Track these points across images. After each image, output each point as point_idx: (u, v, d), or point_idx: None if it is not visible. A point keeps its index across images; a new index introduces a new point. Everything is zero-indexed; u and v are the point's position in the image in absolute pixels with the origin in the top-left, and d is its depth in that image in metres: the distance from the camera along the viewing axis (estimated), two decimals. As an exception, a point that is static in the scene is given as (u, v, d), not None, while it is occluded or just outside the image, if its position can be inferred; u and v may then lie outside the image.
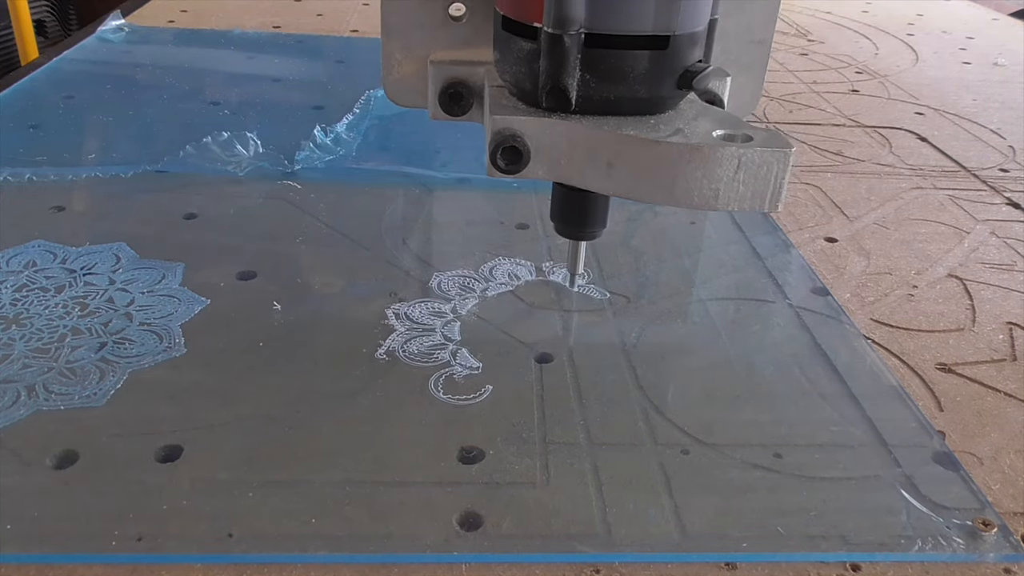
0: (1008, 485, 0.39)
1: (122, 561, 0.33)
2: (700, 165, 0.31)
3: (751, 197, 0.31)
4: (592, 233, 0.40)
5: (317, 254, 0.55)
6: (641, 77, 0.32)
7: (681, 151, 0.31)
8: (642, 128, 0.32)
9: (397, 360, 0.45)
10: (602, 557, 0.34)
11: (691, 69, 0.33)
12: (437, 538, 0.35)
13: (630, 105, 0.33)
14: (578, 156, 0.33)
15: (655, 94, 0.33)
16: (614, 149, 0.32)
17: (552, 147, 0.34)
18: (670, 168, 0.31)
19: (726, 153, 0.31)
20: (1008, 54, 1.10)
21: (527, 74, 0.34)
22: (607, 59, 0.32)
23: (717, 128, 0.32)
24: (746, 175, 0.31)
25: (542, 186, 0.66)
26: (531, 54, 0.33)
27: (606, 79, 0.33)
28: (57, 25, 2.00)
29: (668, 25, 0.32)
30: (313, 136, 0.69)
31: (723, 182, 0.31)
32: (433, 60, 0.40)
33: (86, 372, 0.43)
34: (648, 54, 0.32)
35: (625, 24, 0.32)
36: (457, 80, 0.39)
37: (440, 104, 0.40)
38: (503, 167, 0.34)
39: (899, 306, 0.53)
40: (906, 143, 0.80)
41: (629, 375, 0.45)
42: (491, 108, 0.35)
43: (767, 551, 0.35)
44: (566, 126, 0.33)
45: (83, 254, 0.53)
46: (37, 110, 0.75)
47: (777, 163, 0.31)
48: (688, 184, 0.31)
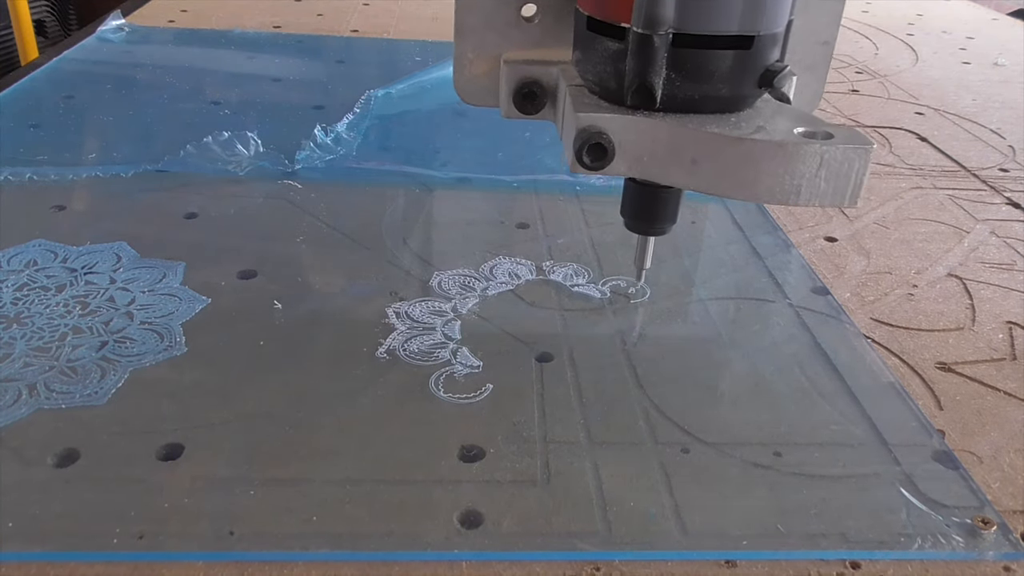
0: (1007, 484, 0.39)
1: (123, 559, 0.33)
2: (783, 162, 0.32)
3: (832, 193, 0.32)
4: (662, 228, 0.41)
5: (317, 253, 0.55)
6: (725, 76, 0.33)
7: (765, 148, 0.32)
8: (725, 126, 0.33)
9: (398, 359, 0.45)
10: (602, 555, 0.34)
11: (771, 68, 0.34)
12: (438, 536, 0.35)
13: (712, 103, 0.34)
14: (661, 153, 0.34)
15: (737, 93, 0.34)
16: (698, 146, 0.33)
17: (636, 144, 0.34)
18: (754, 165, 0.32)
19: (809, 150, 0.31)
20: (1008, 54, 1.10)
21: (612, 73, 0.34)
22: (693, 58, 0.33)
23: (797, 126, 0.33)
24: (828, 172, 0.32)
25: (542, 186, 0.66)
26: (617, 53, 0.34)
27: (691, 78, 0.33)
28: (57, 25, 2.00)
29: (753, 25, 0.32)
30: (313, 136, 0.69)
31: (805, 178, 0.32)
32: (506, 60, 0.40)
33: (87, 371, 0.43)
34: (732, 53, 0.33)
35: (712, 24, 0.32)
36: (531, 79, 0.40)
37: (514, 103, 0.40)
38: (588, 163, 0.34)
39: (899, 305, 0.54)
40: (906, 143, 0.80)
41: (629, 374, 0.45)
42: (575, 106, 0.35)
43: (767, 549, 0.35)
44: (650, 123, 0.34)
45: (84, 253, 0.53)
46: (37, 110, 0.75)
47: (858, 160, 0.31)
48: (771, 180, 0.32)
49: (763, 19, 0.33)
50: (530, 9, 0.40)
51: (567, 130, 0.36)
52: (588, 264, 0.55)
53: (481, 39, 0.40)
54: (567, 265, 0.55)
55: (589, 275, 0.54)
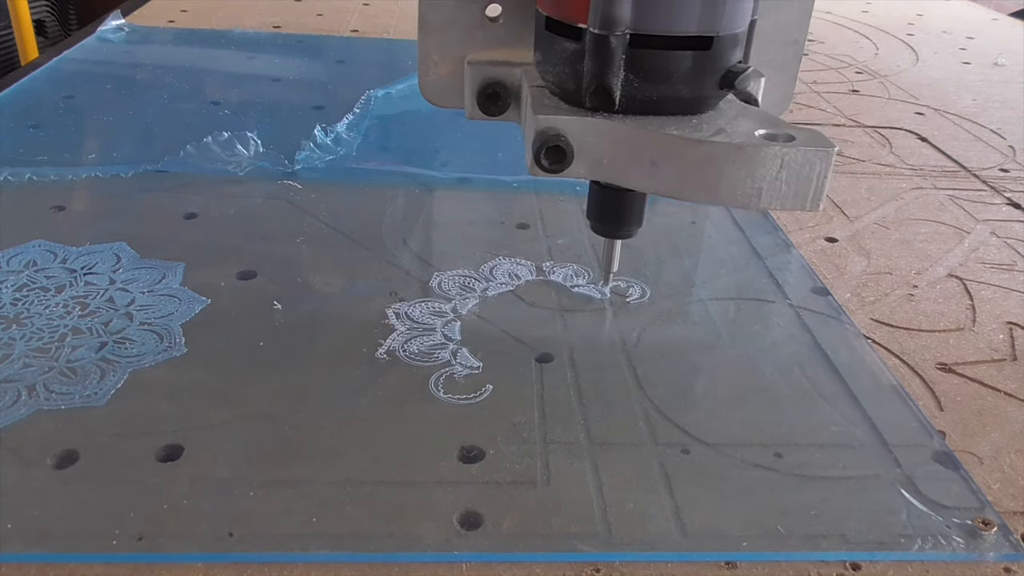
0: (1008, 484, 0.39)
1: (123, 560, 0.33)
2: (744, 164, 0.31)
3: (793, 196, 0.32)
4: (628, 232, 0.40)
5: (317, 254, 0.55)
6: (684, 77, 0.33)
7: (725, 150, 0.31)
8: (685, 128, 0.33)
9: (397, 360, 0.45)
10: (602, 556, 0.34)
11: (733, 69, 0.33)
12: (438, 537, 0.35)
13: (672, 105, 0.33)
14: (621, 155, 0.34)
15: (697, 94, 0.33)
16: (658, 148, 0.33)
17: (595, 146, 0.34)
18: (714, 167, 0.32)
19: (769, 152, 0.31)
20: (1008, 54, 1.10)
21: (570, 74, 0.34)
22: (652, 59, 0.32)
23: (759, 127, 0.33)
24: (788, 174, 0.31)
25: (543, 186, 0.66)
26: (575, 54, 0.33)
27: (650, 79, 0.33)
28: (57, 25, 2.00)
29: (712, 26, 0.32)
30: (313, 136, 0.69)
31: (766, 181, 0.31)
32: (470, 60, 0.40)
33: (86, 372, 0.43)
34: (692, 54, 0.32)
35: (670, 25, 0.32)
36: (494, 80, 0.40)
37: (478, 104, 0.40)
38: (546, 166, 0.34)
39: (899, 306, 0.53)
40: (906, 143, 0.80)
41: (629, 375, 0.45)
42: (534, 108, 0.35)
43: (767, 550, 0.35)
44: (609, 125, 0.33)
45: (83, 254, 0.53)
46: (37, 110, 0.75)
47: (820, 162, 0.31)
48: (731, 183, 0.32)
49: (723, 19, 0.32)
50: (495, 9, 0.40)
51: (527, 131, 0.36)
52: (588, 265, 0.55)
53: (446, 39, 0.41)
54: (567, 266, 0.55)
55: (589, 276, 0.54)
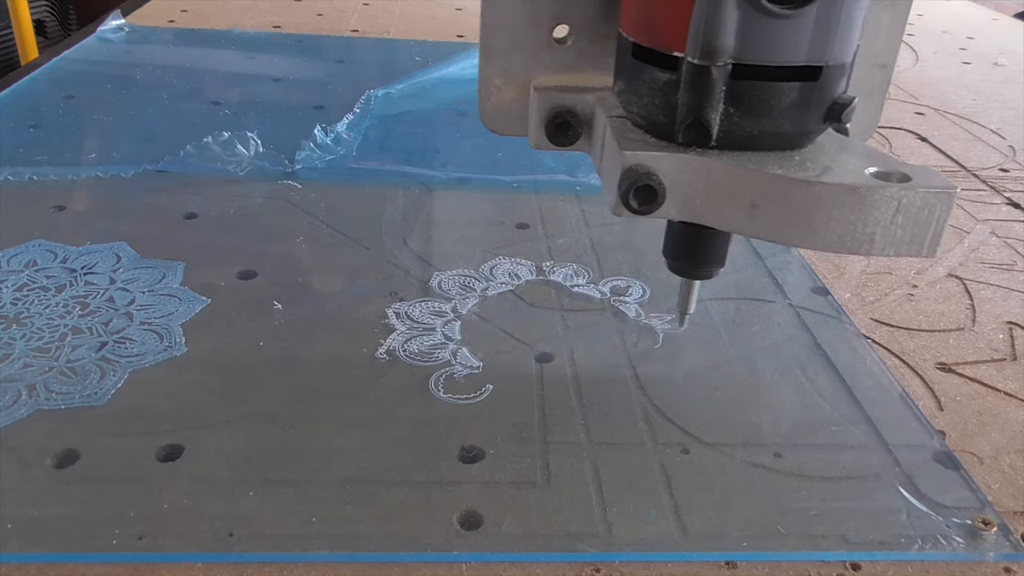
0: (1008, 484, 0.39)
1: (123, 560, 0.33)
2: (856, 208, 0.29)
3: (909, 241, 0.29)
4: (710, 272, 0.37)
5: (317, 254, 0.55)
6: (789, 111, 0.30)
7: (835, 192, 0.29)
8: (788, 166, 0.30)
9: (397, 359, 0.45)
10: (602, 556, 0.34)
11: (839, 101, 0.30)
12: (437, 537, 0.35)
13: (773, 140, 0.31)
14: (717, 196, 0.31)
15: (801, 129, 0.31)
16: (759, 189, 0.30)
17: (688, 185, 0.31)
18: (822, 210, 0.29)
19: (885, 195, 0.28)
20: (1008, 54, 1.10)
21: (661, 106, 0.31)
22: (755, 92, 0.30)
23: (867, 165, 0.30)
24: (905, 218, 0.29)
25: (543, 186, 0.66)
26: (668, 85, 0.31)
27: (752, 113, 0.30)
28: (57, 25, 2.00)
29: (821, 55, 0.29)
30: (313, 136, 0.69)
31: (880, 226, 0.29)
32: (537, 86, 0.37)
33: (87, 371, 0.43)
34: (798, 86, 0.30)
35: (777, 54, 0.29)
36: (564, 108, 0.37)
37: (546, 133, 0.37)
38: (635, 207, 0.31)
39: (899, 306, 0.53)
40: (906, 143, 0.80)
41: (629, 375, 0.45)
42: (619, 143, 0.32)
43: (767, 550, 0.35)
44: (705, 163, 0.30)
45: (84, 253, 0.53)
46: (37, 110, 0.75)
47: (940, 205, 0.29)
48: (841, 228, 0.29)
49: (833, 47, 0.29)
50: (562, 30, 0.36)
51: (609, 168, 0.33)
52: (588, 264, 0.55)
53: (509, 63, 0.37)
54: (567, 265, 0.55)
55: (589, 275, 0.54)
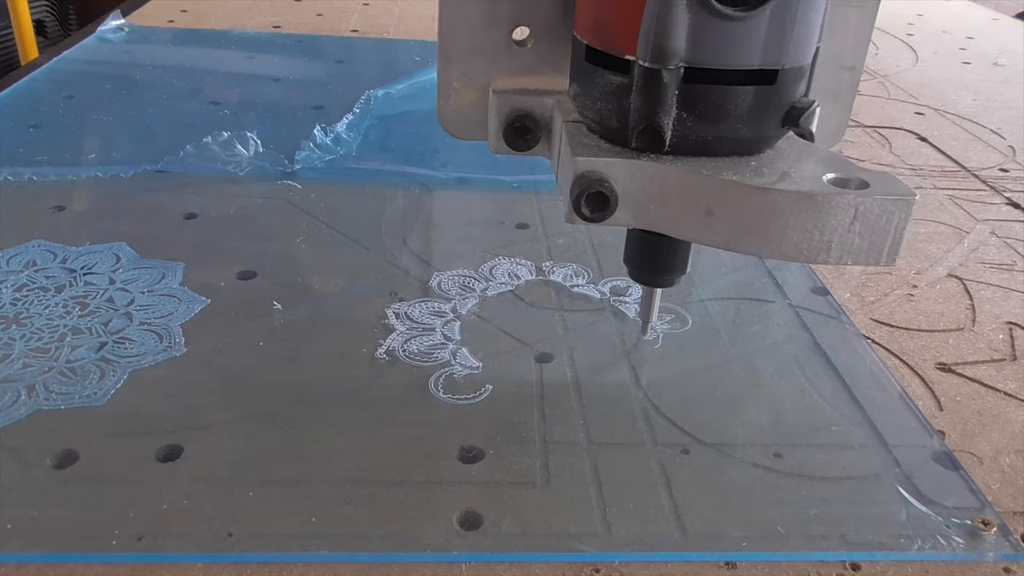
0: (1008, 484, 0.39)
1: (122, 560, 0.33)
2: (812, 215, 0.28)
3: (867, 250, 0.29)
4: (671, 280, 0.37)
5: (317, 254, 0.55)
6: (744, 115, 0.29)
7: (792, 200, 0.28)
8: (744, 172, 0.29)
9: (397, 360, 0.45)
10: (602, 556, 0.34)
11: (797, 105, 0.30)
12: (437, 537, 0.35)
13: (729, 145, 0.30)
14: (672, 202, 0.30)
15: (758, 133, 0.30)
16: (714, 196, 0.29)
17: (641, 192, 0.30)
18: (778, 218, 0.28)
19: (842, 202, 0.28)
20: (1008, 54, 1.10)
21: (614, 110, 0.31)
22: (709, 96, 0.29)
23: (826, 171, 0.29)
24: (863, 226, 0.28)
25: (542, 186, 0.66)
26: (620, 89, 0.30)
27: (706, 117, 0.29)
28: (57, 25, 2.00)
29: (777, 58, 0.28)
30: (313, 136, 0.69)
31: (837, 234, 0.28)
32: (496, 89, 0.36)
33: (86, 371, 0.43)
34: (753, 90, 0.29)
35: (731, 57, 0.28)
36: (523, 112, 0.36)
37: (504, 138, 0.36)
38: (587, 215, 0.30)
39: (899, 306, 0.53)
40: (906, 143, 0.80)
41: (629, 375, 0.45)
42: (572, 148, 0.31)
43: (767, 551, 0.35)
44: (659, 169, 0.30)
45: (83, 254, 0.53)
46: (37, 110, 0.75)
47: (898, 212, 0.28)
48: (798, 236, 0.28)
49: (789, 50, 0.28)
50: (523, 32, 0.36)
51: (563, 174, 0.32)
52: (588, 264, 0.55)
53: (468, 65, 0.36)
54: (567, 265, 0.55)
55: (589, 275, 0.54)
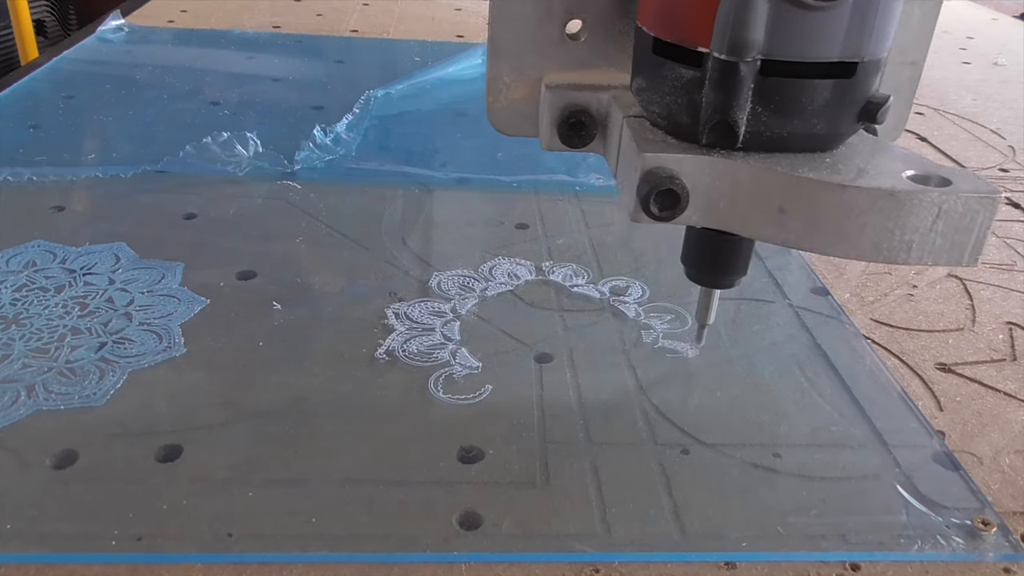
0: (1008, 485, 0.39)
1: (122, 561, 0.33)
2: (893, 214, 0.27)
3: (949, 249, 0.27)
4: (732, 281, 0.35)
5: (317, 254, 0.55)
6: (821, 110, 0.28)
7: (871, 197, 0.27)
8: (820, 169, 0.28)
9: (397, 360, 0.45)
10: (602, 557, 0.34)
11: (873, 100, 0.29)
12: (437, 538, 0.35)
13: (803, 141, 0.29)
14: (743, 200, 0.29)
15: (833, 129, 0.29)
16: (788, 193, 0.28)
17: (711, 189, 0.29)
18: (856, 217, 0.27)
19: (925, 200, 0.27)
20: (1008, 54, 1.10)
21: (684, 105, 0.29)
22: (785, 90, 0.28)
23: (904, 168, 0.28)
24: (946, 225, 0.27)
25: (542, 186, 0.66)
26: (692, 83, 0.29)
27: (782, 112, 0.28)
28: (57, 25, 2.00)
29: (856, 51, 0.27)
30: (313, 136, 0.69)
31: (919, 233, 0.27)
32: (549, 84, 0.35)
33: (86, 372, 0.43)
34: (832, 83, 0.28)
35: (810, 50, 0.27)
36: (578, 107, 0.35)
37: (558, 134, 0.35)
38: (656, 213, 0.29)
39: (899, 306, 0.53)
40: (906, 143, 0.80)
41: (629, 375, 0.45)
42: (639, 144, 0.30)
43: (767, 551, 0.35)
44: (730, 165, 0.29)
45: (83, 254, 0.53)
46: (37, 110, 0.75)
47: (983, 211, 0.27)
48: (877, 235, 0.27)
49: (869, 42, 0.27)
50: (575, 25, 0.35)
51: (626, 171, 0.31)
52: (588, 264, 0.55)
53: (519, 59, 0.35)
54: (567, 265, 0.55)
55: (589, 275, 0.54)
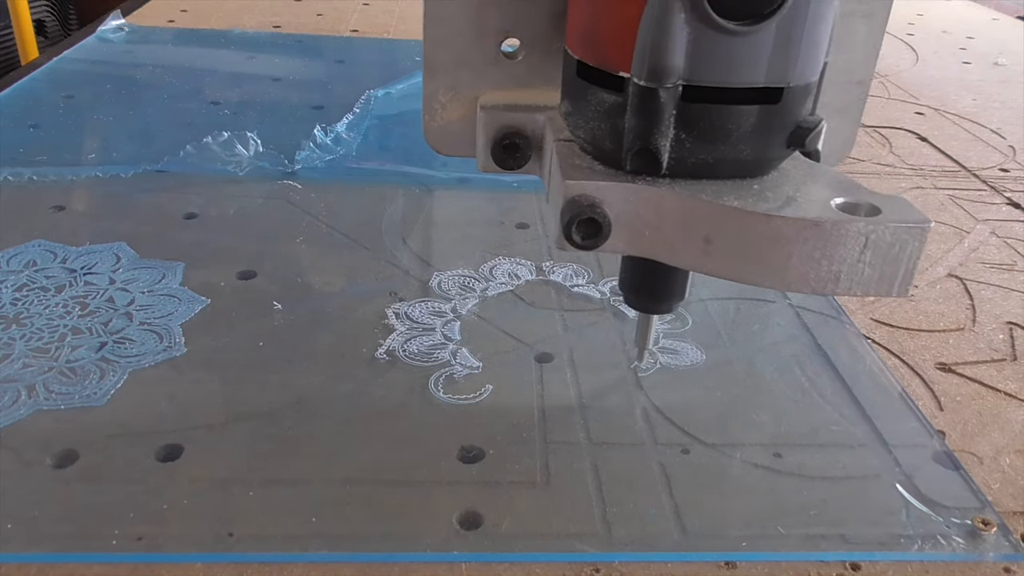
0: (1008, 484, 0.39)
1: (122, 560, 0.33)
2: (819, 244, 0.26)
3: (877, 280, 0.27)
4: (668, 307, 0.35)
5: (317, 254, 0.55)
6: (747, 136, 0.27)
7: (797, 228, 0.26)
8: (746, 197, 0.27)
9: (397, 360, 0.45)
10: (602, 556, 0.34)
11: (803, 124, 0.28)
12: (437, 537, 0.35)
13: (730, 168, 0.28)
14: (668, 229, 0.28)
15: (761, 155, 0.28)
16: (714, 222, 0.27)
17: (636, 217, 0.29)
18: (783, 247, 0.26)
19: (851, 230, 0.26)
20: (1008, 54, 1.10)
21: (608, 131, 0.29)
22: (709, 116, 0.27)
23: (834, 195, 0.27)
24: (874, 256, 0.26)
25: (542, 186, 0.66)
26: (614, 108, 0.28)
27: (705, 138, 0.27)
28: (57, 25, 2.00)
29: (783, 75, 0.27)
30: (313, 136, 0.69)
31: (846, 264, 0.26)
32: (484, 105, 0.34)
33: (86, 371, 0.43)
34: (757, 109, 0.27)
35: (732, 75, 0.27)
36: (512, 128, 0.34)
37: (493, 156, 0.34)
38: (578, 242, 0.29)
39: (899, 306, 0.53)
40: (906, 143, 0.80)
41: (629, 375, 0.45)
42: (563, 171, 0.29)
43: (767, 550, 0.35)
44: (655, 193, 0.28)
45: (83, 254, 0.53)
46: (37, 110, 0.75)
47: (912, 241, 0.26)
48: (803, 266, 0.27)
49: (795, 67, 0.27)
50: (512, 43, 0.34)
51: (553, 197, 0.31)
52: (588, 264, 0.55)
53: (454, 79, 0.34)
54: (567, 265, 0.55)
55: (589, 275, 0.54)
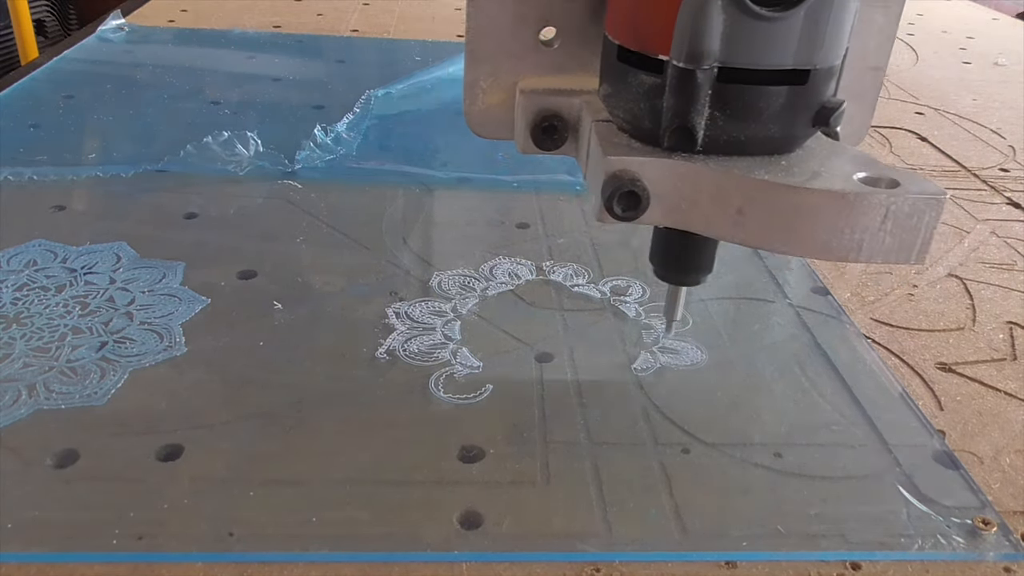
0: (1008, 484, 0.39)
1: (123, 560, 0.33)
2: (843, 214, 0.28)
3: (897, 249, 0.29)
4: (698, 279, 0.37)
5: (317, 253, 0.55)
6: (776, 115, 0.30)
7: (823, 199, 0.28)
8: (775, 171, 0.30)
9: (397, 359, 0.45)
10: (602, 556, 0.34)
11: (827, 105, 0.30)
12: (437, 537, 0.35)
13: (760, 145, 0.31)
14: (703, 201, 0.30)
15: (789, 133, 0.30)
16: (745, 194, 0.30)
17: (673, 191, 0.31)
18: (809, 217, 0.29)
19: (873, 200, 0.28)
20: (1008, 54, 1.10)
21: (646, 110, 0.31)
22: (741, 96, 0.29)
23: (856, 170, 0.29)
24: (894, 225, 0.28)
25: (543, 186, 0.66)
26: (653, 89, 0.30)
27: (738, 117, 0.30)
28: (57, 25, 2.00)
29: (809, 58, 0.29)
30: (313, 136, 0.69)
31: (868, 232, 0.28)
32: (523, 89, 0.36)
33: (87, 371, 0.43)
34: (785, 90, 0.29)
35: (764, 58, 0.29)
36: (550, 111, 0.36)
37: (532, 138, 0.36)
38: (619, 214, 0.31)
39: (899, 306, 0.54)
40: (906, 143, 0.80)
41: (629, 374, 0.45)
42: (603, 148, 0.31)
43: (767, 550, 0.35)
44: (691, 168, 0.30)
45: (84, 253, 0.53)
46: (37, 110, 0.75)
47: (929, 211, 0.28)
48: (828, 235, 0.29)
49: (821, 51, 0.29)
50: (549, 32, 0.36)
51: (594, 173, 0.33)
52: (588, 264, 0.55)
53: (495, 66, 0.36)
54: (567, 265, 0.55)
55: (589, 275, 0.54)
